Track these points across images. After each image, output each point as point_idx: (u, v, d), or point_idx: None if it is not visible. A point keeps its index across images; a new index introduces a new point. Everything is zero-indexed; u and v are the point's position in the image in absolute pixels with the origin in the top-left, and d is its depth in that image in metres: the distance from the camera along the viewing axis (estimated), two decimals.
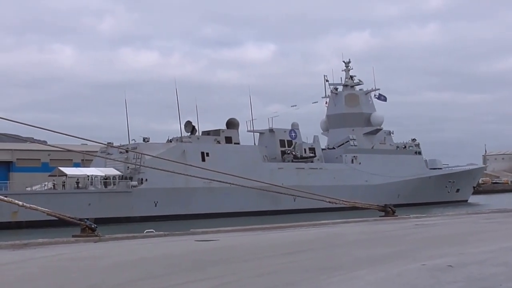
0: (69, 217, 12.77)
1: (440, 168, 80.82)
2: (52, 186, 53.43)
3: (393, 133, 79.15)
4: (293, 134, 67.88)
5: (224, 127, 64.51)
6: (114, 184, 54.68)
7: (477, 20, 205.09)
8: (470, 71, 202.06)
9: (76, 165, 64.54)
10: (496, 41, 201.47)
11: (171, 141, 60.05)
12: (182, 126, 60.97)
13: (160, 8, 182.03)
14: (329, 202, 20.37)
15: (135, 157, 51.40)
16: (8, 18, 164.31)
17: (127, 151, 51.47)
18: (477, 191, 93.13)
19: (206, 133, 63.55)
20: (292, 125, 69.17)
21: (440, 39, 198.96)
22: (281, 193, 28.29)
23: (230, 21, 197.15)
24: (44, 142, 55.52)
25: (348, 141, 72.63)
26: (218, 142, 61.67)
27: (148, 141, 57.34)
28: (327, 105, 77.53)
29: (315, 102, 77.16)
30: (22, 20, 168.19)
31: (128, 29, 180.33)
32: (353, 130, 74.30)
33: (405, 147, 78.86)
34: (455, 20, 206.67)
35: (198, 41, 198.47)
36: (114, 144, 50.26)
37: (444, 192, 77.03)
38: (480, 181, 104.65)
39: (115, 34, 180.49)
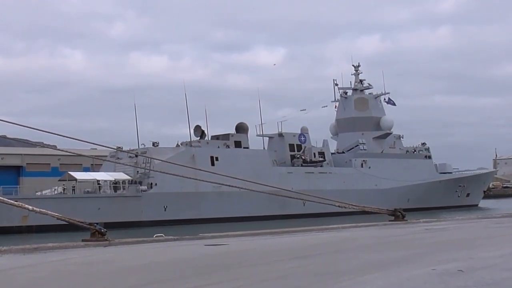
0: (79, 221, 12.82)
1: (450, 172, 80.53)
2: (62, 191, 53.63)
3: (403, 137, 78.96)
4: (303, 138, 67.85)
5: (233, 131, 64.58)
6: (123, 189, 54.82)
7: (489, 24, 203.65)
8: (481, 75, 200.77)
9: (86, 169, 64.67)
10: (508, 44, 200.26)
11: (179, 145, 60.19)
12: (192, 131, 61.16)
13: (170, 13, 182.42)
14: (339, 206, 20.36)
15: (144, 162, 51.50)
16: (19, 23, 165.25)
17: (136, 156, 51.62)
18: (488, 195, 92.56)
19: (216, 137, 63.63)
20: (302, 129, 69.11)
21: (451, 43, 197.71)
22: (291, 197, 28.21)
23: (240, 25, 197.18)
24: (54, 147, 55.79)
25: (357, 145, 72.47)
26: (228, 146, 61.72)
27: (157, 146, 57.48)
28: (336, 109, 77.44)
29: (324, 106, 77.09)
30: (33, 25, 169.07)
31: (139, 34, 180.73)
32: (362, 134, 74.13)
33: (415, 151, 78.65)
34: (467, 24, 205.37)
35: (208, 46, 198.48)
36: (123, 149, 50.38)
37: (454, 196, 76.71)
38: (491, 186, 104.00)
39: (126, 38, 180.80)
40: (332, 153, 71.73)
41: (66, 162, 69.52)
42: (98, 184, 54.08)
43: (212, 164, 56.24)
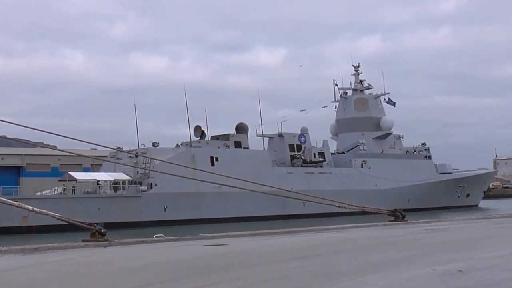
0: (79, 221, 12.81)
1: (450, 173, 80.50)
2: (62, 191, 53.64)
3: (402, 138, 78.94)
4: (303, 139, 67.86)
5: (233, 131, 64.59)
6: (123, 189, 54.83)
7: (489, 24, 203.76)
8: (482, 75, 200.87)
9: (86, 170, 64.71)
10: (508, 45, 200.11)
11: (179, 146, 60.21)
12: (192, 131, 61.18)
13: (171, 13, 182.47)
14: (339, 206, 20.35)
15: (144, 162, 51.52)
16: (19, 24, 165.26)
17: (136, 156, 51.62)
18: (488, 195, 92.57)
19: (216, 137, 63.63)
20: (302, 129, 69.13)
21: (452, 43, 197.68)
22: (291, 197, 28.20)
23: (241, 26, 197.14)
24: (54, 147, 55.81)
25: (357, 145, 72.47)
26: (228, 146, 61.72)
27: (157, 146, 57.51)
28: (336, 109, 77.44)
29: (324, 107, 77.10)
30: (34, 25, 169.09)
31: (139, 34, 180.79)
32: (362, 134, 74.13)
33: (415, 151, 78.64)
34: (468, 24, 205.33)
35: (208, 46, 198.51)
36: (123, 149, 50.37)
37: (454, 196, 76.69)
38: (491, 186, 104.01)
39: (126, 39, 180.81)
40: (332, 154, 71.72)
41: (66, 163, 69.55)
42: (98, 184, 54.09)
43: (212, 164, 56.24)
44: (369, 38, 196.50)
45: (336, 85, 76.81)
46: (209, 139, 62.57)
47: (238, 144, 62.74)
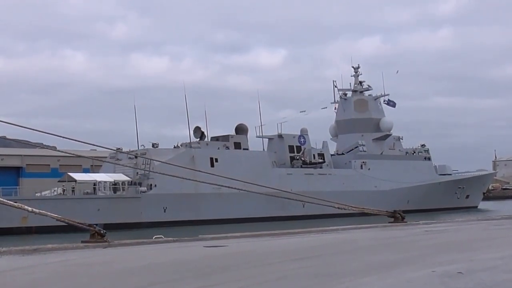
0: (78, 222, 12.79)
1: (450, 174, 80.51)
2: (61, 192, 53.62)
3: (402, 139, 78.95)
4: (302, 140, 67.87)
5: (233, 132, 64.60)
6: (123, 190, 54.80)
7: (490, 25, 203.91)
8: (481, 76, 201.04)
9: (86, 170, 64.72)
10: (508, 46, 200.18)
11: (177, 147, 60.20)
12: (191, 132, 61.18)
13: (171, 14, 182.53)
14: (338, 208, 20.33)
15: (144, 163, 51.49)
16: (20, 24, 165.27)
17: (136, 157, 51.60)
18: (487, 197, 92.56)
19: (215, 138, 63.64)
20: (301, 130, 69.15)
21: (451, 44, 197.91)
22: (290, 198, 28.31)
23: (241, 26, 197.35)
24: (53, 148, 55.83)
25: (357, 146, 72.50)
26: (227, 147, 61.72)
27: (157, 147, 57.50)
28: (336, 110, 77.48)
29: (324, 108, 77.18)
30: (35, 26, 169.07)
31: (140, 35, 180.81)
32: (362, 135, 74.16)
33: (414, 152, 78.64)
34: (468, 25, 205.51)
35: (209, 47, 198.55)
36: (123, 150, 50.34)
37: (454, 198, 76.69)
38: (490, 187, 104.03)
39: (127, 40, 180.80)
40: (331, 155, 71.74)
41: (65, 163, 69.57)
42: (94, 186, 54.02)
43: (212, 165, 56.22)
44: (369, 39, 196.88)
45: (336, 86, 76.92)
46: (209, 140, 62.58)
47: (237, 145, 62.74)
